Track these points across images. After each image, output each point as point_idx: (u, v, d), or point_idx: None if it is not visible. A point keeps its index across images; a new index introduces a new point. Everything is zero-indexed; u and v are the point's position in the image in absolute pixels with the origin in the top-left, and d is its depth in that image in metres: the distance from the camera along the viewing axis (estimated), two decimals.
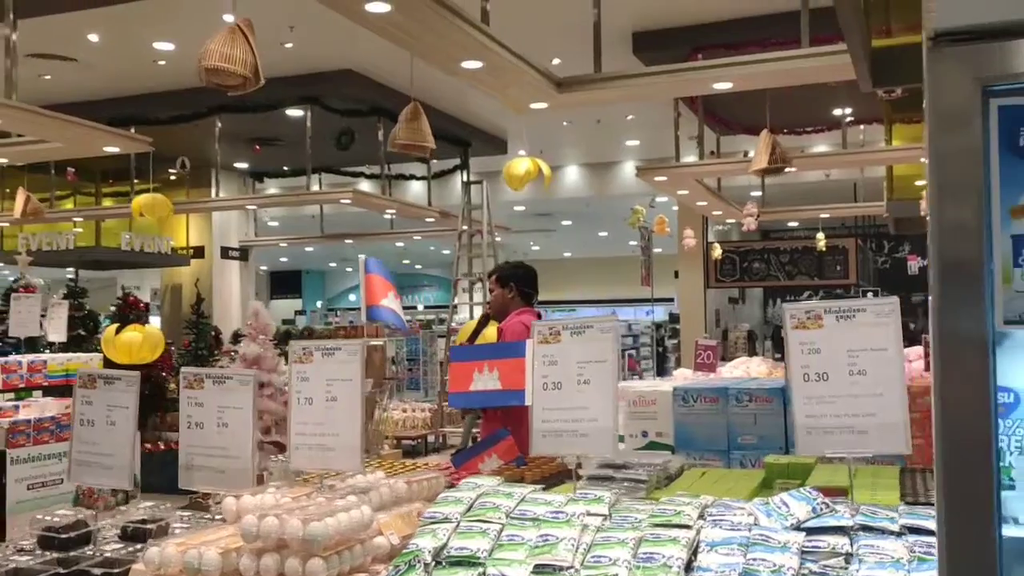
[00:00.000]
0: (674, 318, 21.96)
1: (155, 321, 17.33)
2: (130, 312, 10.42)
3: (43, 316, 8.33)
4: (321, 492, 2.75)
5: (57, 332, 7.96)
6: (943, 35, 1.10)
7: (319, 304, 31.71)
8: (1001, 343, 1.30)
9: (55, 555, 2.88)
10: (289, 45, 10.77)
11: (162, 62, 11.09)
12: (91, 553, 2.89)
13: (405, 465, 3.56)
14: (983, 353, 1.11)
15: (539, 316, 5.42)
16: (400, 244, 24.75)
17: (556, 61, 10.18)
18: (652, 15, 10.16)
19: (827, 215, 15.82)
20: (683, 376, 7.44)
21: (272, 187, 18.16)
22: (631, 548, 2.24)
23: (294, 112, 12.63)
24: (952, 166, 1.11)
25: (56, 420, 7.64)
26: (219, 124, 12.88)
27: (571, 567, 2.22)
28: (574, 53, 8.49)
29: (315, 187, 14.85)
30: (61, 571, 2.81)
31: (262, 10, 9.62)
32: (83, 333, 10.35)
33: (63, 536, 2.91)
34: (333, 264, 33.24)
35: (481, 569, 2.27)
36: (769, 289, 22.46)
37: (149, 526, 2.98)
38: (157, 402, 10.33)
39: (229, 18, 10.85)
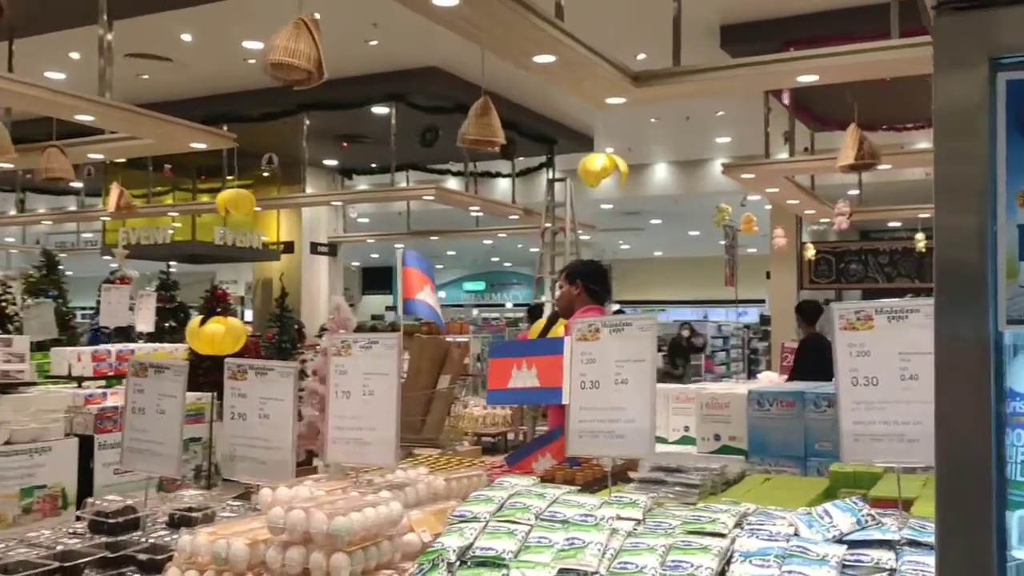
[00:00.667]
0: (765, 320, 21.47)
1: (249, 315, 17.81)
2: (217, 305, 10.68)
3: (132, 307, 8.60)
4: (357, 486, 2.73)
5: (145, 322, 8.22)
6: (947, 1, 0.99)
7: None
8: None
9: (104, 539, 2.93)
10: (374, 43, 10.89)
11: (251, 61, 11.34)
12: (138, 538, 2.94)
13: (450, 461, 3.52)
14: (983, 357, 0.99)
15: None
16: (488, 241, 24.89)
17: (641, 56, 10.03)
18: (740, 8, 9.91)
19: (927, 215, 15.19)
20: (768, 379, 7.23)
21: (362, 184, 18.42)
22: (660, 555, 2.15)
23: (379, 109, 12.77)
24: (957, 147, 1.00)
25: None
26: (307, 121, 13.12)
27: (596, 573, 2.15)
28: (660, 48, 8.35)
29: (401, 183, 15.02)
30: (108, 555, 2.86)
31: (346, 8, 9.79)
32: (174, 324, 10.66)
33: (112, 521, 2.96)
34: None
35: (505, 571, 2.22)
36: (868, 292, 21.74)
37: (195, 514, 3.01)
38: None
39: (315, 16, 11.00)
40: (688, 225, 24.86)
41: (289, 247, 16.92)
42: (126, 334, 9.68)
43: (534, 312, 10.48)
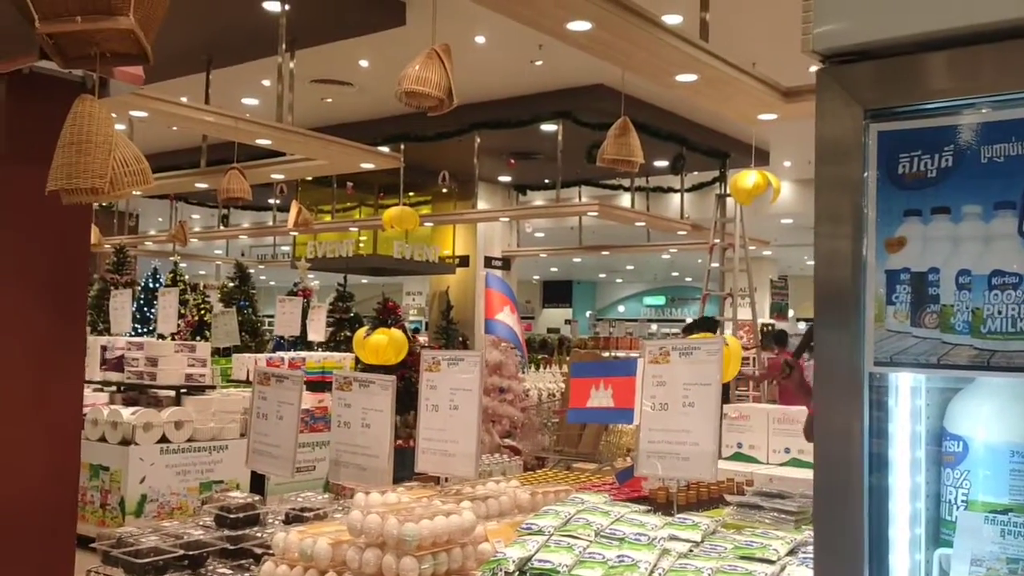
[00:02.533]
0: None
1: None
2: (388, 316, 11.21)
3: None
4: (442, 495, 2.89)
5: (316, 332, 8.75)
6: (830, 56, 1.03)
7: (588, 314, 32.28)
8: (948, 388, 1.18)
9: (226, 532, 3.23)
10: (539, 63, 11.14)
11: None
12: (257, 533, 3.22)
13: (556, 476, 3.62)
14: (856, 396, 1.02)
15: None
16: (667, 256, 24.69)
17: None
18: None
19: None
20: None
21: (537, 199, 18.78)
22: None
23: (548, 127, 13.02)
24: (833, 195, 1.04)
25: (311, 412, 8.44)
26: (478, 140, 13.54)
27: None
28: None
29: (573, 198, 15.21)
30: (229, 547, 3.16)
31: (513, 31, 10.08)
32: (348, 334, 11.27)
33: (234, 516, 3.26)
34: (603, 275, 33.71)
35: None
36: None
37: (308, 514, 3.27)
38: (410, 401, 11.03)
39: (481, 40, 11.37)
40: None
41: (464, 261, 17.46)
42: (308, 343, 10.36)
43: (690, 328, 10.36)
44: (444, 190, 16.25)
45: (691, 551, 2.35)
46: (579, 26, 5.23)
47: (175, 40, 9.73)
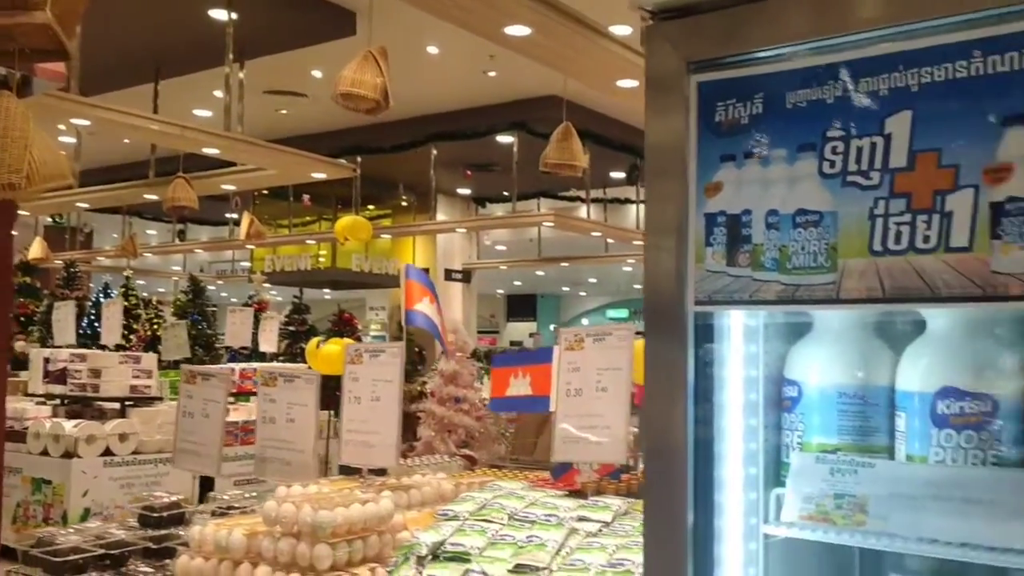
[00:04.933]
0: None
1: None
2: (343, 327, 11.17)
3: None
4: (365, 487, 2.90)
5: (268, 343, 8.70)
6: (656, 12, 1.07)
7: (552, 327, 32.34)
8: (789, 335, 1.22)
9: (150, 532, 3.21)
10: (492, 73, 11.20)
11: None
12: (181, 532, 3.20)
13: (497, 474, 3.62)
14: (681, 336, 1.05)
15: None
16: (627, 268, 24.81)
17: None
18: None
19: None
20: None
21: (498, 211, 18.82)
22: (609, 554, 2.22)
23: (504, 138, 13.08)
24: (661, 146, 1.08)
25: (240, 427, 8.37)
26: (434, 152, 13.57)
27: (547, 568, 2.23)
28: None
29: (532, 210, 15.27)
30: (152, 546, 3.14)
31: (464, 41, 10.14)
32: (304, 346, 11.22)
33: (157, 515, 3.24)
34: (566, 288, 33.79)
35: (469, 565, 2.33)
36: None
37: (235, 510, 3.25)
38: None
39: (433, 50, 11.38)
40: None
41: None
42: (261, 354, 10.30)
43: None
44: (404, 203, 16.26)
45: (600, 531, 2.37)
46: (517, 31, 5.28)
47: (122, 49, 9.69)
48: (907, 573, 1.36)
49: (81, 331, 10.03)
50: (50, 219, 16.11)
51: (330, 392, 6.60)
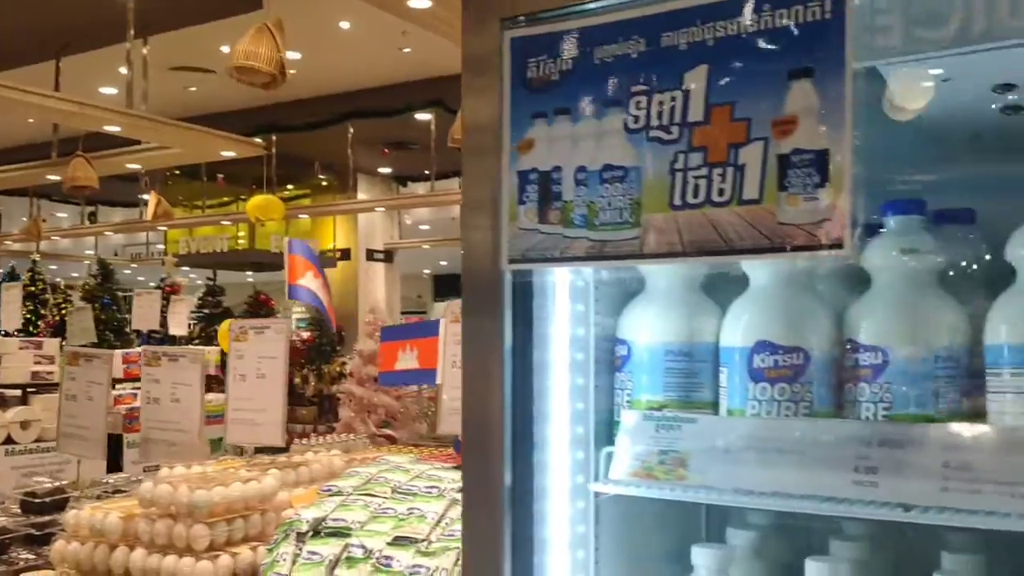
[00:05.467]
0: None
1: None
2: (260, 309, 11.00)
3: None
4: (250, 466, 2.85)
5: (178, 327, 8.52)
6: None
7: None
8: (621, 292, 1.23)
9: (32, 519, 3.12)
10: (407, 50, 11.08)
11: (292, 71, 11.65)
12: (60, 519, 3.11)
13: (402, 450, 3.60)
14: (496, 295, 1.05)
15: None
16: None
17: None
18: None
19: None
20: None
21: (419, 190, 18.70)
22: None
23: (422, 116, 12.97)
24: (477, 103, 1.07)
25: None
26: (351, 130, 13.40)
27: (425, 539, 2.22)
28: None
29: (453, 187, 15.20)
30: (35, 532, 3.05)
31: (374, 16, 10.00)
32: (218, 328, 11.03)
33: (39, 501, 3.15)
34: None
35: (349, 540, 2.31)
36: None
37: (121, 493, 3.18)
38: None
39: (345, 25, 11.22)
40: None
41: (346, 254, 17.26)
42: (172, 338, 10.08)
43: None
44: (323, 183, 16.03)
45: None
46: (419, 3, 5.22)
47: (24, 26, 9.33)
48: (747, 527, 1.39)
49: None
50: None
51: None
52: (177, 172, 13.84)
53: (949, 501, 1.02)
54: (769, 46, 0.95)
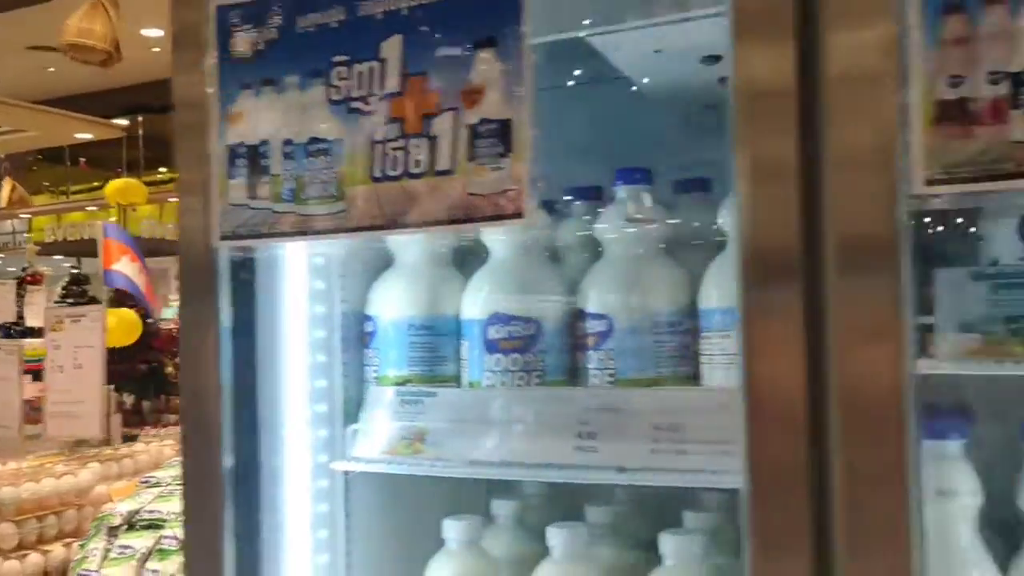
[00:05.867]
0: None
1: None
2: (127, 298, 10.60)
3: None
4: (69, 460, 2.75)
5: (36, 318, 8.12)
6: None
7: None
8: (370, 269, 1.21)
9: None
10: None
11: (156, 49, 11.25)
12: None
13: None
14: (209, 273, 1.02)
15: None
16: None
17: None
18: None
19: None
20: None
21: None
22: None
23: None
24: (187, 78, 1.04)
25: (30, 404, 7.86)
26: None
27: None
28: None
29: None
30: None
31: None
32: None
33: None
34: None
35: (162, 532, 2.25)
36: None
37: None
38: (159, 385, 10.52)
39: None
40: None
41: None
42: (30, 329, 9.59)
43: None
44: None
45: None
46: None
47: None
48: (520, 497, 1.40)
49: None
50: None
51: (112, 366, 6.29)
52: (40, 157, 13.23)
53: (657, 462, 1.05)
54: (457, 14, 0.95)
